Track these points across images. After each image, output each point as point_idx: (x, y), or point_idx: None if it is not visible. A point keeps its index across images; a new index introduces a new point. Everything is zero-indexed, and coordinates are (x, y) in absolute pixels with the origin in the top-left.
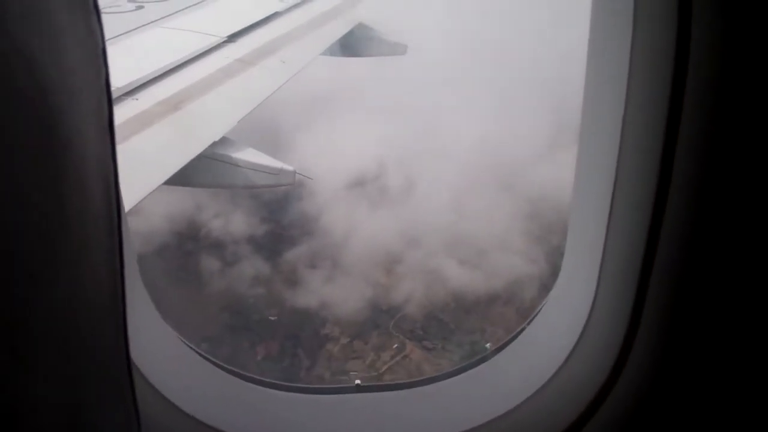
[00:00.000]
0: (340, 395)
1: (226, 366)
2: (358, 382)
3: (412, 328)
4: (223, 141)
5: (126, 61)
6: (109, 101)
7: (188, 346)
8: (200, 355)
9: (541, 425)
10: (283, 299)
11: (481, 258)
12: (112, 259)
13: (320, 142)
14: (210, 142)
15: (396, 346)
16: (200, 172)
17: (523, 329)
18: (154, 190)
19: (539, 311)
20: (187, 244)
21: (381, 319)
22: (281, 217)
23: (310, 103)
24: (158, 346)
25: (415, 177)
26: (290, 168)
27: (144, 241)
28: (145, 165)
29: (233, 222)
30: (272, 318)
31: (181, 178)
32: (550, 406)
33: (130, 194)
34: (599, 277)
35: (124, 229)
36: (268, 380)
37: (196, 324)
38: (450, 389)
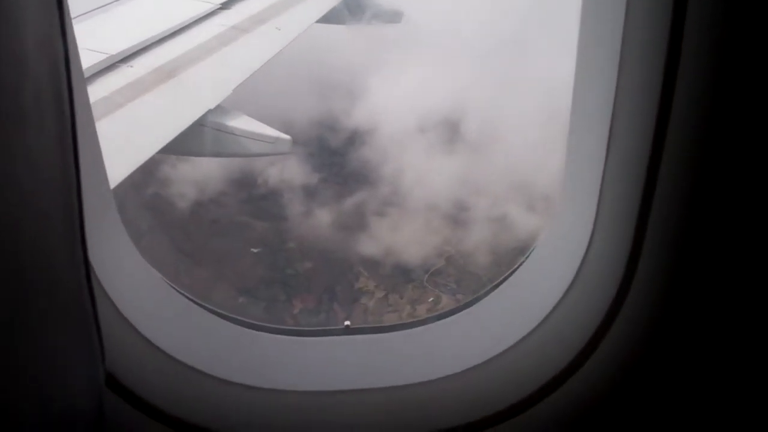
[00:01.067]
0: (328, 337)
1: (207, 305)
2: (347, 323)
3: (446, 282)
4: (218, 109)
5: (120, 28)
6: (64, 41)
7: (169, 285)
8: (182, 294)
9: (537, 366)
10: (317, 252)
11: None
12: (63, 141)
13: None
14: (205, 109)
15: (431, 299)
16: (195, 141)
17: (518, 267)
18: (148, 159)
19: (534, 248)
20: (242, 192)
21: (415, 273)
22: (339, 165)
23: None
24: (132, 277)
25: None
26: (286, 137)
27: (198, 188)
28: (140, 133)
29: (289, 169)
30: (307, 267)
31: (176, 147)
32: (545, 347)
33: (126, 163)
34: (596, 213)
35: (88, 141)
36: (252, 321)
37: (232, 277)
38: (442, 331)
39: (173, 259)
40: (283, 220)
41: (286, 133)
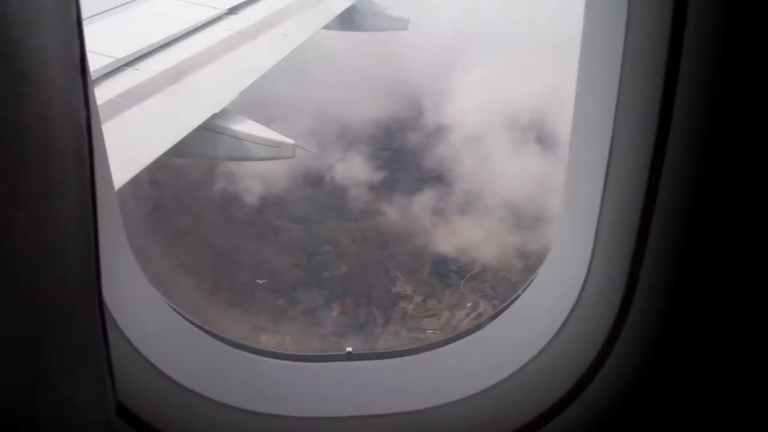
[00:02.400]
0: (330, 363)
1: (212, 331)
2: (349, 349)
3: (482, 287)
4: (223, 113)
5: (127, 31)
6: (80, 41)
7: (173, 309)
8: (185, 318)
9: (536, 394)
10: (352, 256)
11: None
12: (83, 203)
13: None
14: (210, 114)
15: (470, 304)
16: (200, 144)
17: (517, 297)
18: (152, 162)
19: (533, 280)
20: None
21: (452, 279)
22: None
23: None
24: (142, 308)
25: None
26: (290, 141)
27: (264, 185)
28: (144, 136)
29: (354, 167)
30: (343, 271)
31: (180, 150)
32: (544, 375)
33: (129, 166)
34: (594, 247)
35: (101, 177)
36: (254, 347)
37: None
38: (443, 357)
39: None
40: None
41: (347, 132)
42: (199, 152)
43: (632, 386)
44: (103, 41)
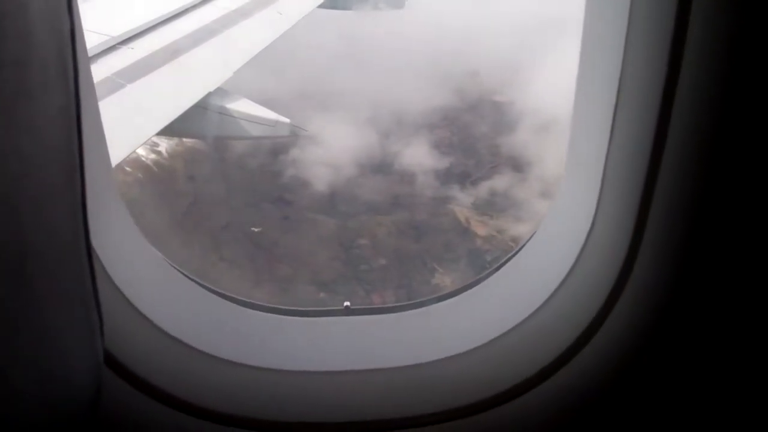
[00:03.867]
0: (329, 317)
1: (209, 286)
2: (347, 304)
3: None
4: (219, 91)
5: (122, 10)
6: (71, 21)
7: (171, 265)
8: (179, 271)
9: (538, 347)
10: (391, 247)
11: None
12: (67, 115)
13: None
14: (205, 92)
15: None
16: (195, 122)
17: (519, 249)
18: (147, 140)
19: (536, 232)
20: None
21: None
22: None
23: None
24: (134, 258)
25: None
26: (286, 120)
27: (333, 173)
28: (139, 114)
29: (419, 152)
30: (382, 264)
31: (176, 128)
32: (548, 328)
33: (124, 144)
34: (599, 195)
35: (90, 128)
36: (251, 301)
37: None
38: (443, 312)
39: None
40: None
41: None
42: (195, 131)
43: (635, 340)
44: (97, 20)
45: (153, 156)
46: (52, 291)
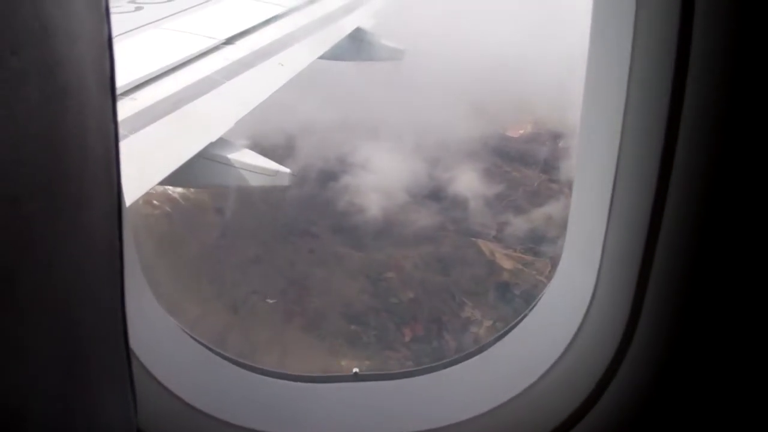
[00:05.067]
0: (337, 384)
1: (223, 353)
2: (356, 370)
3: None
4: (220, 142)
5: (124, 61)
6: (110, 56)
7: (186, 333)
8: (198, 342)
9: (541, 415)
10: (416, 282)
11: None
12: (110, 215)
13: None
14: (207, 142)
15: None
16: (197, 173)
17: (523, 318)
18: (149, 190)
19: (539, 300)
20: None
21: (520, 306)
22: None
23: None
24: (156, 333)
25: None
26: (286, 170)
27: (383, 203)
28: (141, 164)
29: (465, 180)
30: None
31: (177, 178)
32: (550, 396)
33: (126, 194)
34: (599, 268)
35: (122, 199)
36: (265, 368)
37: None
38: (449, 378)
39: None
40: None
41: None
42: (196, 181)
43: (638, 406)
44: None
45: (180, 190)
46: (91, 360)
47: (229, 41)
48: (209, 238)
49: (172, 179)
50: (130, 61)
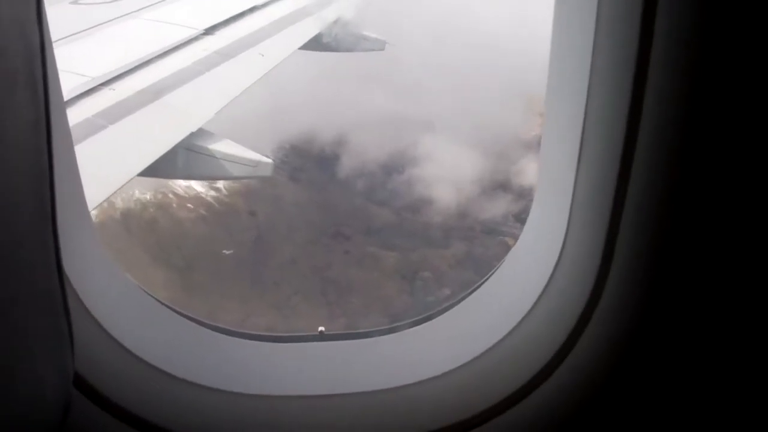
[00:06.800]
0: (302, 343)
1: (181, 311)
2: (321, 329)
3: None
4: (201, 132)
5: (103, 52)
6: (43, 61)
7: (143, 290)
8: (154, 298)
9: (511, 370)
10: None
11: None
12: (37, 129)
13: None
14: (187, 133)
15: None
16: (177, 163)
17: (491, 274)
18: (128, 181)
19: (508, 255)
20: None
21: None
22: None
23: None
24: (105, 282)
25: None
26: (268, 160)
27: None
28: (120, 155)
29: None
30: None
31: (157, 169)
32: (520, 351)
33: (105, 183)
34: (569, 220)
35: (61, 148)
36: (225, 327)
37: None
38: (417, 336)
39: None
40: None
41: None
42: (177, 172)
43: (608, 360)
44: (78, 61)
45: (213, 193)
46: (24, 300)
47: (209, 32)
48: (246, 240)
49: (153, 169)
50: (108, 51)
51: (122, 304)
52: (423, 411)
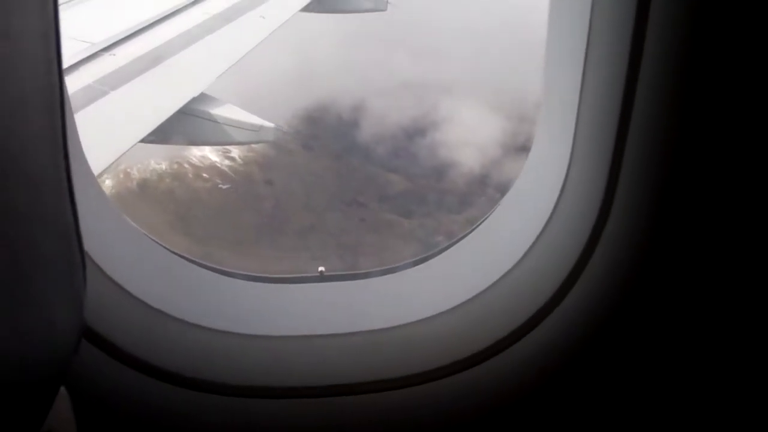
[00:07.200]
0: (303, 284)
1: (182, 254)
2: (321, 269)
3: None
4: (203, 97)
5: (102, 17)
6: (56, 30)
7: (144, 234)
8: (156, 242)
9: (513, 306)
10: None
11: None
12: (53, 120)
13: None
14: (189, 98)
15: None
16: (179, 129)
17: (493, 210)
18: (130, 148)
19: (508, 193)
20: None
21: None
22: None
23: None
24: (105, 227)
25: None
26: (270, 124)
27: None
28: (122, 121)
29: None
30: None
31: (160, 135)
32: (521, 287)
33: (108, 151)
34: (570, 158)
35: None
36: (226, 269)
37: None
38: (419, 275)
39: None
40: None
41: None
42: (179, 137)
43: (611, 293)
44: (77, 27)
45: (228, 162)
46: (36, 246)
47: None
48: (264, 209)
49: (156, 135)
50: (108, 17)
51: (122, 247)
52: (425, 349)
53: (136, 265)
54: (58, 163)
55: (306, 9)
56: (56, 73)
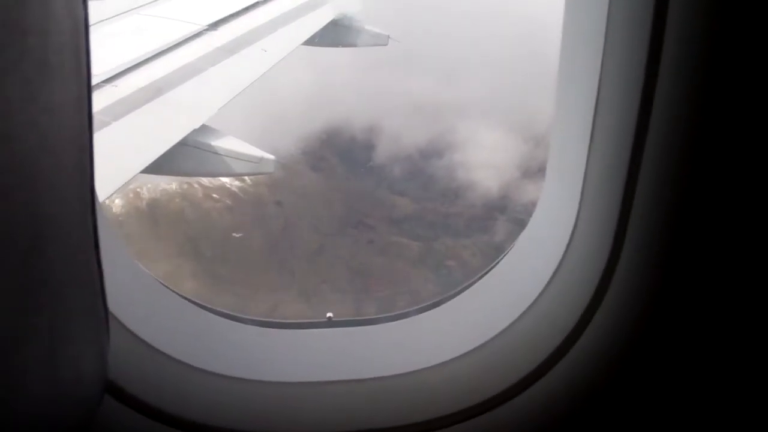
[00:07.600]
0: (312, 330)
1: (194, 299)
2: (329, 315)
3: None
4: (203, 129)
5: (105, 48)
6: (86, 46)
7: (157, 280)
8: (167, 288)
9: (523, 352)
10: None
11: None
12: (80, 121)
13: None
14: (190, 129)
15: None
16: (179, 160)
17: (501, 259)
18: (131, 179)
19: (519, 239)
20: None
21: None
22: None
23: None
24: (121, 277)
25: None
26: (271, 156)
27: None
28: (123, 152)
29: None
30: None
31: (160, 166)
32: (532, 333)
33: (108, 182)
34: (580, 201)
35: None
36: (238, 315)
37: None
38: (426, 322)
39: None
40: None
41: None
42: (179, 168)
43: (618, 347)
44: None
45: (237, 183)
46: (68, 303)
47: (212, 27)
48: (274, 230)
49: (157, 166)
50: (110, 48)
51: (136, 296)
52: (433, 397)
53: (151, 313)
54: (87, 221)
55: (308, 42)
56: (88, 139)
